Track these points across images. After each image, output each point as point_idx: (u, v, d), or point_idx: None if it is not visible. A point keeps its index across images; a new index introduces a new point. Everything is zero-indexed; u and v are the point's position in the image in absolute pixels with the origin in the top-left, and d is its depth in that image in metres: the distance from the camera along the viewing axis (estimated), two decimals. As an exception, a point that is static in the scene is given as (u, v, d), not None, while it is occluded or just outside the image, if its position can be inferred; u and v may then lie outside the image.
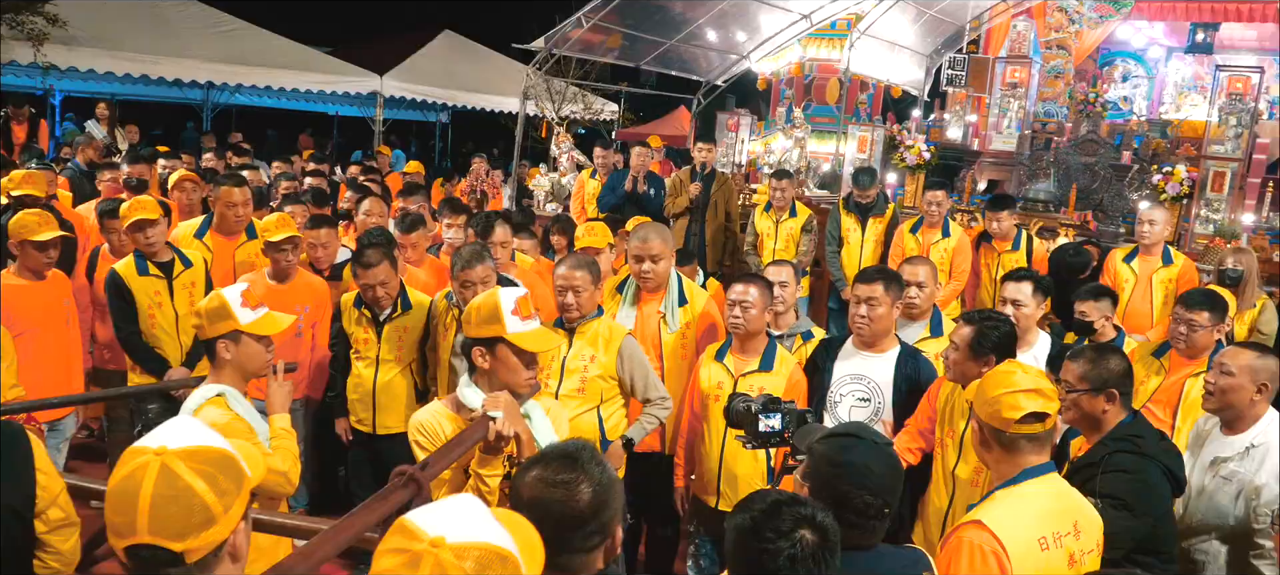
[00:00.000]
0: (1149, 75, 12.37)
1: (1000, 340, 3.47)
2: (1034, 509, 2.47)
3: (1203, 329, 4.13)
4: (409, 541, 1.39)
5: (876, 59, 12.28)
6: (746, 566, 1.86)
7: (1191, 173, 7.83)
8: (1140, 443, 2.99)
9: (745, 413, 2.89)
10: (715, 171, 8.23)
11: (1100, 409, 3.06)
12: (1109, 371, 3.05)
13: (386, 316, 4.61)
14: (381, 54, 14.95)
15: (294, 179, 7.73)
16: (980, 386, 2.60)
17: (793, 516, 1.86)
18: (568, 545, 1.92)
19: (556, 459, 1.98)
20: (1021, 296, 4.42)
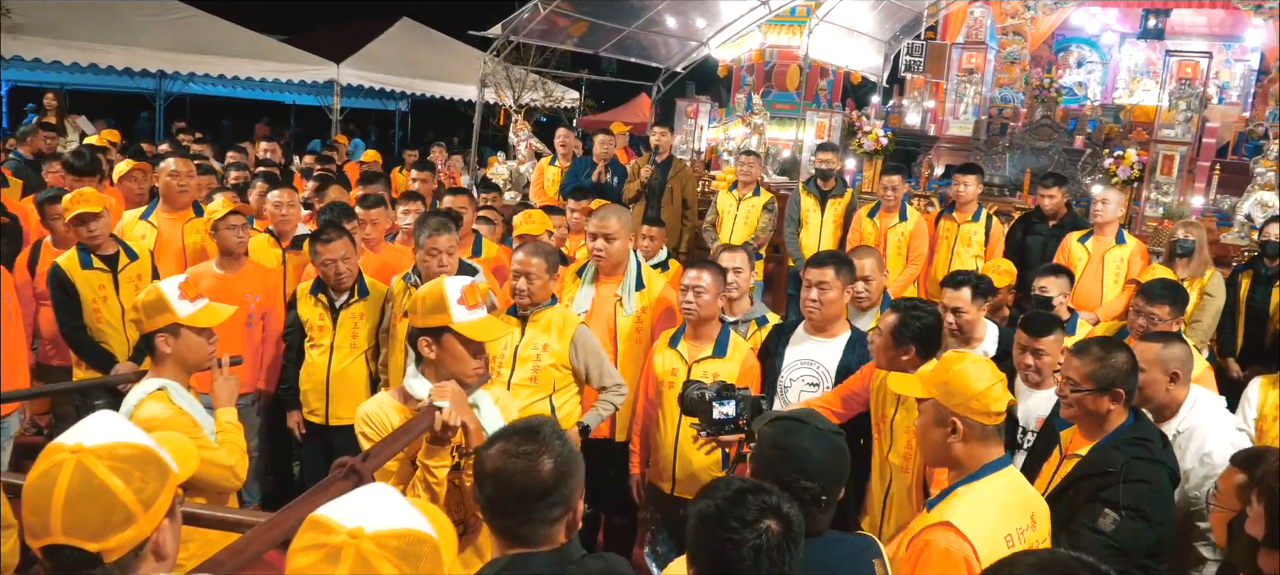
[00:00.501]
0: (1103, 61, 12.53)
1: (920, 331, 3.41)
2: (997, 505, 2.46)
3: (1162, 322, 4.19)
4: (325, 536, 1.37)
5: (836, 45, 12.32)
6: (709, 555, 1.84)
7: (1142, 157, 7.95)
8: (1151, 448, 2.90)
9: (699, 400, 2.88)
10: (672, 158, 8.24)
11: (1105, 409, 2.95)
12: (1115, 370, 2.93)
13: (343, 303, 4.56)
14: (338, 42, 14.75)
15: (245, 169, 7.60)
16: (949, 384, 2.54)
17: (758, 505, 1.84)
18: (531, 516, 1.94)
19: (519, 433, 2.00)
20: (961, 303, 4.33)
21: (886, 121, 10.71)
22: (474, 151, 10.28)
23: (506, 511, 1.93)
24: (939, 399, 2.55)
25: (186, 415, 3.01)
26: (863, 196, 8.34)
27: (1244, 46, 11.48)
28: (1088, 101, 11.89)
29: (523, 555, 1.94)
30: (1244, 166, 8.20)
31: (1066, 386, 3.04)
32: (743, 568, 1.79)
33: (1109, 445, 2.92)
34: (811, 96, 12.16)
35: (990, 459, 2.52)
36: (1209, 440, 3.31)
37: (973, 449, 2.53)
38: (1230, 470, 2.54)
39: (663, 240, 6.21)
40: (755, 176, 7.66)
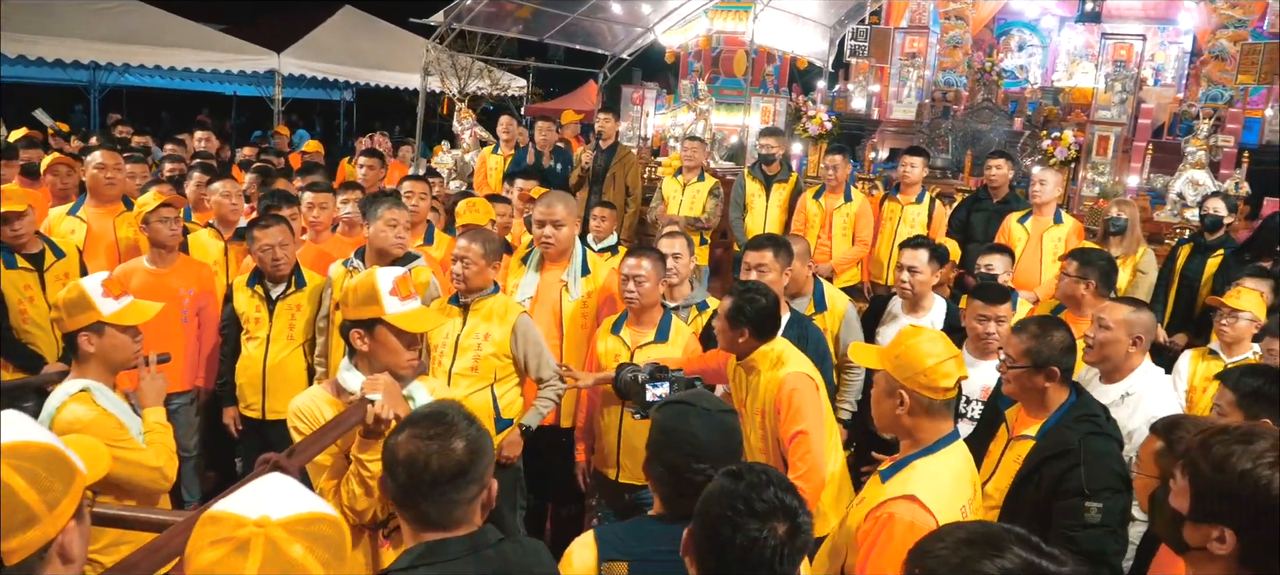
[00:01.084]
0: (1043, 44, 12.73)
1: (755, 314, 3.36)
2: (952, 477, 2.51)
3: (1068, 277, 4.38)
4: (230, 530, 1.35)
5: (782, 30, 12.38)
6: (708, 524, 1.79)
7: (1079, 137, 8.09)
8: (1100, 423, 2.96)
9: (633, 382, 2.88)
10: (618, 144, 8.21)
11: (1041, 385, 3.01)
12: (1051, 348, 2.99)
13: (280, 294, 4.49)
14: (279, 31, 14.47)
15: (181, 161, 7.42)
16: (901, 358, 2.56)
17: (772, 502, 1.78)
18: (447, 498, 1.91)
19: (426, 418, 1.97)
20: (917, 263, 4.55)
21: (832, 106, 10.78)
22: (418, 141, 10.15)
23: (421, 496, 1.90)
24: (890, 371, 2.59)
25: (111, 417, 2.93)
26: (808, 181, 8.38)
27: (1178, 29, 11.72)
28: (1028, 84, 12.07)
29: (438, 541, 1.91)
30: (1177, 146, 8.39)
31: (1005, 363, 3.11)
32: (731, 554, 1.75)
33: (1060, 425, 2.98)
34: (759, 82, 12.21)
35: (943, 433, 2.56)
36: (1157, 405, 3.39)
37: (920, 422, 2.56)
38: (1150, 438, 2.60)
39: (614, 222, 6.21)
40: (700, 162, 7.66)
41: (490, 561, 1.92)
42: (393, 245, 4.32)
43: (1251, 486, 1.75)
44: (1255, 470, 1.75)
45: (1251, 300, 4.30)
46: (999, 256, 5.17)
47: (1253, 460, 1.76)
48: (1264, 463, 1.75)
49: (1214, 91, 10.80)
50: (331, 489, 2.72)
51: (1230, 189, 7.14)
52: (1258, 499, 1.75)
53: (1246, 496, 1.76)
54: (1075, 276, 4.37)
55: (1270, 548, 1.77)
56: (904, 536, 2.35)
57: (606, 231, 6.09)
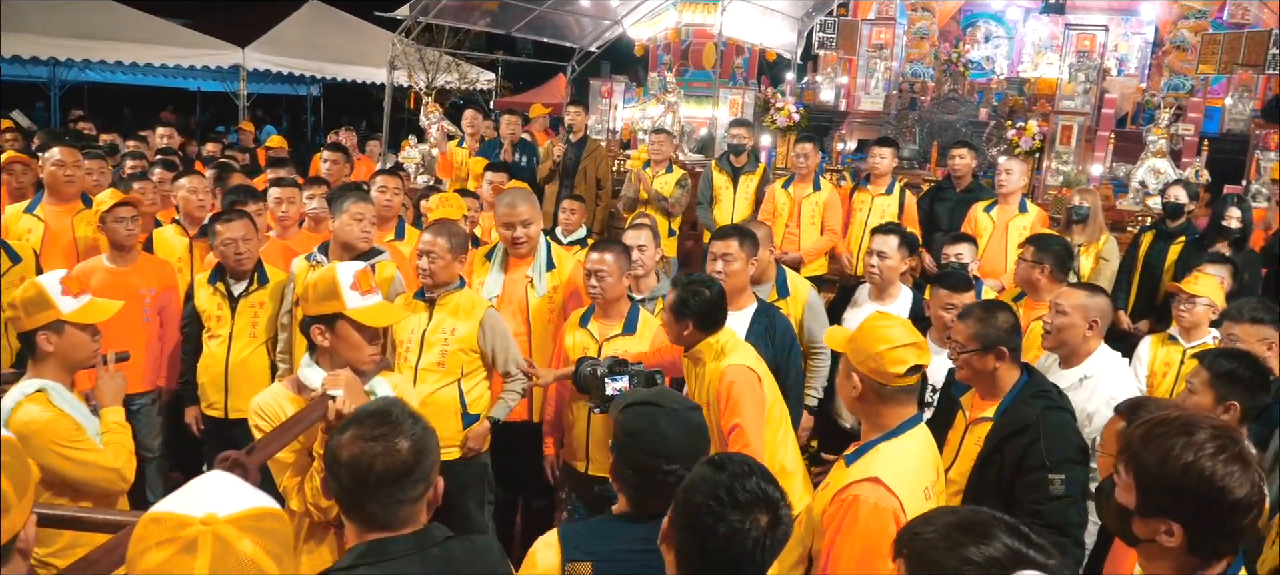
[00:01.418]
0: (1009, 35, 12.84)
1: (698, 306, 3.37)
2: (915, 459, 2.53)
3: (1026, 263, 4.47)
4: (176, 530, 1.34)
5: (750, 23, 12.38)
6: (690, 513, 1.78)
7: (1043, 127, 8.17)
8: (1053, 397, 3.05)
9: (591, 376, 2.86)
10: (587, 137, 8.19)
11: (991, 367, 3.09)
12: (997, 329, 3.08)
13: (242, 291, 4.43)
14: (243, 25, 14.28)
15: (143, 158, 7.31)
16: (857, 341, 2.58)
17: (755, 492, 1.79)
18: (392, 498, 1.89)
19: (370, 417, 1.94)
20: (887, 248, 4.58)
21: (801, 98, 10.82)
22: (385, 135, 10.07)
23: (367, 497, 1.87)
24: (847, 354, 2.62)
25: (67, 417, 2.88)
26: (776, 172, 8.41)
27: (1140, 20, 11.88)
28: (995, 75, 12.18)
29: (382, 541, 1.88)
30: (1139, 135, 8.49)
31: (955, 349, 3.17)
32: (713, 545, 1.75)
33: (1016, 402, 3.05)
34: (728, 74, 12.21)
35: (905, 417, 2.58)
36: (1115, 387, 3.46)
37: (875, 406, 2.58)
38: (1114, 418, 2.64)
39: (583, 215, 6.19)
40: (667, 154, 7.65)
41: (435, 560, 1.90)
42: (358, 239, 4.29)
43: (1195, 478, 1.77)
44: (1198, 462, 1.77)
45: (1208, 286, 4.37)
46: (966, 246, 5.23)
47: (1195, 452, 1.78)
48: (1206, 453, 1.77)
49: (1176, 81, 10.97)
50: (295, 486, 2.70)
51: (1191, 177, 7.25)
52: (1202, 491, 1.77)
53: (1190, 489, 1.77)
54: (1031, 262, 4.44)
55: (1218, 535, 1.80)
56: (868, 518, 2.38)
57: (576, 224, 6.08)
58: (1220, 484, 1.75)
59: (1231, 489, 1.75)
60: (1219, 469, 1.75)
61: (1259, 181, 7.64)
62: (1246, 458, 1.78)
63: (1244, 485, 1.75)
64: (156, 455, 4.92)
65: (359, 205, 4.29)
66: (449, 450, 4.00)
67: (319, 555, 2.71)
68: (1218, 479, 1.75)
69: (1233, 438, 1.81)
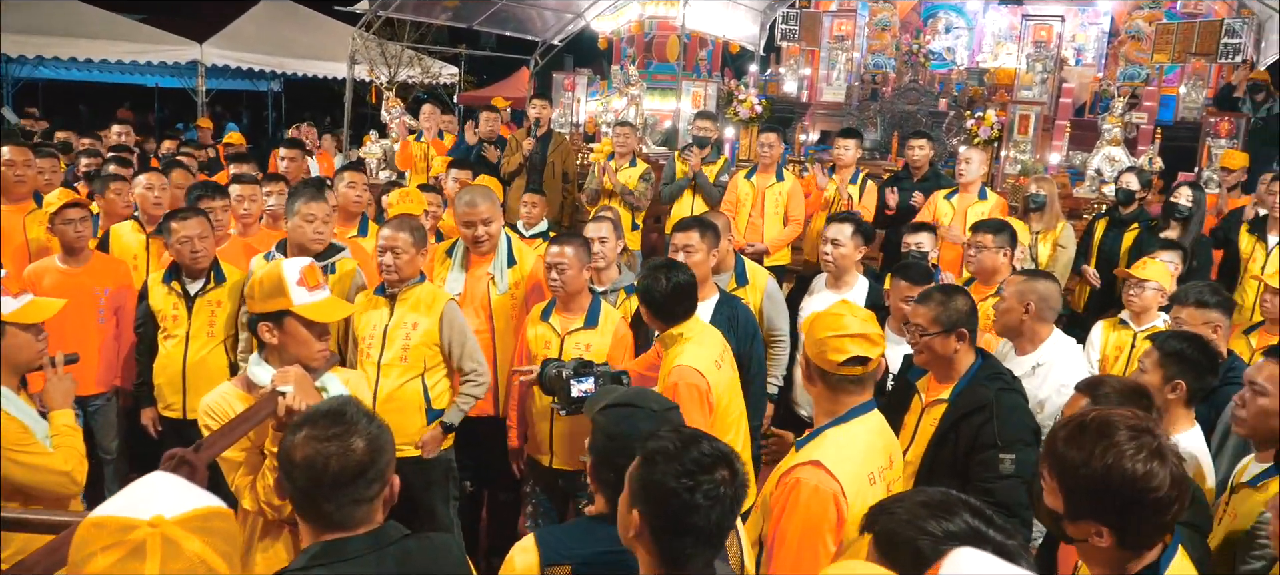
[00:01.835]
0: (969, 26, 12.95)
1: (653, 298, 3.40)
2: (862, 446, 2.55)
3: (987, 250, 4.49)
4: (122, 533, 1.33)
5: (713, 15, 12.41)
6: (660, 493, 1.78)
7: (1001, 117, 8.27)
8: (1007, 379, 3.10)
9: (557, 378, 2.84)
10: (552, 131, 8.18)
11: (951, 349, 3.12)
12: (957, 312, 3.12)
13: (198, 290, 4.37)
14: (201, 20, 14.08)
15: (98, 156, 7.20)
16: (810, 327, 2.61)
17: (713, 452, 1.81)
18: (347, 498, 1.87)
19: (323, 417, 1.92)
20: (841, 237, 4.61)
21: (764, 89, 10.86)
22: (346, 130, 9.98)
23: (323, 497, 1.85)
24: (804, 341, 2.65)
25: (14, 420, 2.83)
26: (740, 164, 8.44)
27: (1097, 10, 12.04)
28: (955, 66, 12.30)
29: (337, 541, 1.87)
30: (1095, 124, 8.62)
31: (916, 333, 3.19)
32: (697, 514, 1.76)
33: (972, 384, 3.09)
34: (692, 67, 12.24)
35: (855, 403, 2.60)
36: (1067, 373, 3.50)
37: (822, 391, 2.60)
38: (1075, 396, 2.70)
39: (545, 209, 6.18)
40: (632, 147, 7.65)
41: (391, 559, 1.88)
42: (311, 241, 4.24)
43: (1117, 480, 1.80)
44: (1119, 464, 1.80)
45: (1157, 271, 4.46)
46: (927, 235, 5.27)
47: (1114, 454, 1.81)
48: (1125, 454, 1.80)
49: (1131, 70, 11.14)
50: (247, 485, 2.67)
51: (1144, 165, 7.37)
52: (1124, 491, 1.80)
53: (1114, 491, 1.81)
54: (992, 248, 4.51)
55: (1147, 530, 1.84)
56: (809, 500, 2.41)
57: (537, 218, 6.06)
58: (1142, 484, 1.79)
59: (1153, 487, 1.79)
60: (1139, 468, 1.79)
61: (1210, 168, 7.79)
62: (1164, 452, 1.81)
63: (1165, 481, 1.79)
64: (114, 457, 4.85)
65: (309, 206, 4.23)
66: (413, 447, 4.00)
67: (274, 553, 2.69)
68: (1139, 479, 1.79)
69: (1149, 434, 1.84)
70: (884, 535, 1.64)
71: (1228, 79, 10.03)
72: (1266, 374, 2.80)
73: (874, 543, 1.66)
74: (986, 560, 1.32)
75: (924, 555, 1.50)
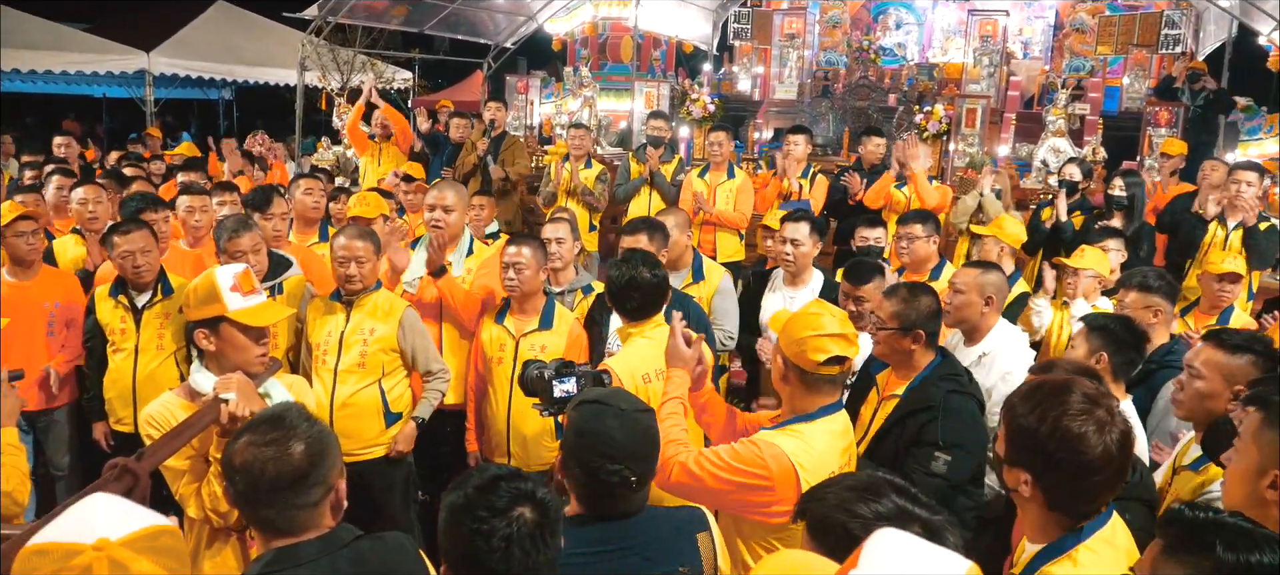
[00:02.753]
0: (918, 22, 13.14)
1: (611, 291, 3.43)
2: (824, 445, 2.58)
3: (918, 239, 4.65)
4: (66, 559, 1.31)
5: (665, 15, 12.47)
6: (460, 546, 1.73)
7: (949, 111, 8.41)
8: (962, 382, 3.11)
9: (539, 379, 2.81)
10: (505, 133, 8.19)
11: (907, 348, 3.14)
12: (918, 312, 3.13)
13: (145, 303, 4.31)
14: (147, 28, 13.82)
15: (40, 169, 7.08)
16: (788, 326, 2.62)
17: (511, 492, 1.74)
18: (289, 503, 1.87)
19: (263, 423, 1.93)
20: (800, 236, 4.67)
21: (718, 89, 10.94)
22: (298, 137, 9.89)
23: (262, 503, 1.85)
24: (780, 339, 2.66)
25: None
26: (695, 162, 8.50)
27: (1042, 4, 12.28)
28: (906, 61, 12.47)
29: (288, 547, 1.87)
30: (1040, 116, 8.80)
31: (875, 324, 3.25)
32: (493, 559, 1.70)
33: (924, 382, 3.12)
34: (646, 67, 12.30)
35: (826, 403, 2.64)
36: (1010, 361, 3.59)
37: (796, 390, 2.63)
38: (1030, 378, 2.75)
39: (494, 210, 6.19)
40: (586, 149, 7.68)
41: (345, 561, 1.88)
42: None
43: (1049, 432, 1.88)
44: (1061, 419, 1.88)
45: (1093, 259, 4.59)
46: (882, 230, 5.36)
47: (1059, 408, 1.88)
48: (1069, 412, 1.88)
49: (1077, 62, 11.38)
50: (191, 492, 2.66)
51: (1088, 155, 7.53)
52: (1051, 444, 1.88)
53: (1043, 440, 1.88)
54: (923, 237, 4.65)
55: (1070, 492, 1.90)
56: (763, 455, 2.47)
57: (486, 220, 6.06)
58: (1073, 442, 1.86)
59: (1083, 449, 1.85)
60: (1074, 426, 1.86)
61: (1151, 156, 7.97)
62: (1108, 425, 1.88)
63: (1097, 448, 1.85)
64: (66, 473, 4.77)
65: (234, 241, 4.24)
66: (373, 449, 4.01)
67: (222, 561, 2.68)
68: (1071, 436, 1.86)
69: (1102, 406, 1.90)
70: (816, 521, 1.69)
71: (1169, 70, 10.28)
72: (1203, 358, 2.87)
73: (807, 530, 1.71)
74: (906, 539, 1.36)
75: (856, 537, 1.53)
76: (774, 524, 2.53)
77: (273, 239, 4.85)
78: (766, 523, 2.54)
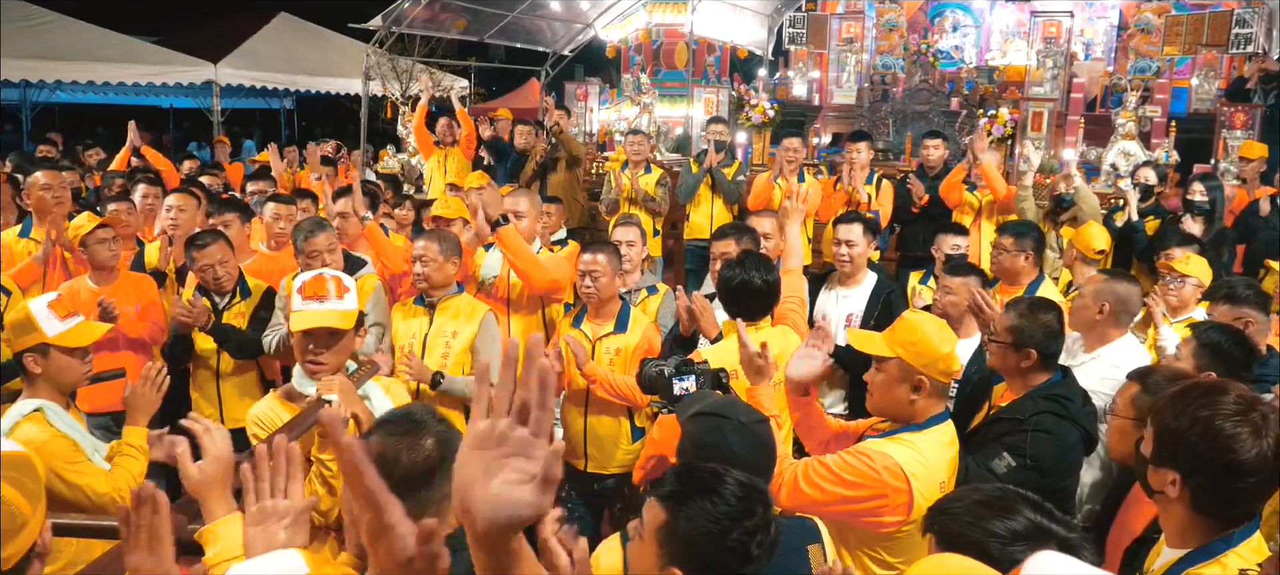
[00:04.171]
0: (976, 24, 13.00)
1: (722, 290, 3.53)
2: (937, 455, 2.59)
3: (1007, 252, 4.53)
4: None
5: (720, 20, 12.47)
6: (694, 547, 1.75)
7: (1014, 115, 8.30)
8: (1067, 405, 2.93)
9: (659, 376, 2.82)
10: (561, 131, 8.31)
11: (1018, 364, 3.01)
12: (1034, 328, 2.99)
13: (225, 304, 4.44)
14: (214, 41, 14.18)
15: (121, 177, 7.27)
16: (917, 345, 2.61)
17: (744, 494, 1.77)
18: (420, 497, 1.89)
19: (395, 420, 1.98)
20: (855, 237, 4.65)
21: (774, 94, 10.91)
22: (361, 145, 10.06)
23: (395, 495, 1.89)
24: (905, 358, 2.61)
25: (65, 437, 2.88)
26: (754, 168, 8.49)
27: (1105, 3, 12.07)
28: (964, 64, 12.33)
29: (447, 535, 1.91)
30: (1109, 118, 8.64)
31: (989, 334, 3.18)
32: (729, 560, 1.73)
33: (1026, 397, 2.99)
34: (700, 73, 12.31)
35: (936, 413, 2.65)
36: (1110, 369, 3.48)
37: (929, 403, 2.63)
38: (1128, 383, 2.70)
39: (562, 217, 6.24)
40: (645, 154, 7.72)
41: (465, 562, 1.92)
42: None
43: (1200, 432, 1.83)
44: (1212, 419, 1.83)
45: (1198, 266, 4.37)
46: (963, 237, 5.28)
47: (1211, 410, 1.83)
48: (1222, 413, 1.83)
49: (1142, 63, 11.17)
50: (299, 491, 2.73)
51: (1160, 158, 7.38)
52: (1202, 445, 1.82)
53: (1194, 441, 1.83)
54: (1013, 250, 4.52)
55: (1219, 495, 1.85)
56: (878, 466, 2.46)
57: (554, 227, 6.12)
58: (1224, 442, 1.80)
59: (1235, 449, 1.80)
60: (1228, 427, 1.81)
61: (1227, 159, 7.79)
62: (1264, 429, 1.82)
63: (1250, 451, 1.80)
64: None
65: (310, 241, 4.42)
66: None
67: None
68: (1222, 437, 1.81)
69: (1257, 410, 1.84)
70: (947, 537, 1.66)
71: (1239, 70, 10.04)
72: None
73: (936, 543, 1.69)
74: (1066, 562, 1.35)
75: (991, 556, 1.52)
76: (882, 533, 2.53)
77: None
78: (876, 531, 2.54)
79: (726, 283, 3.48)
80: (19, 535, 1.57)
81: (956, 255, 5.02)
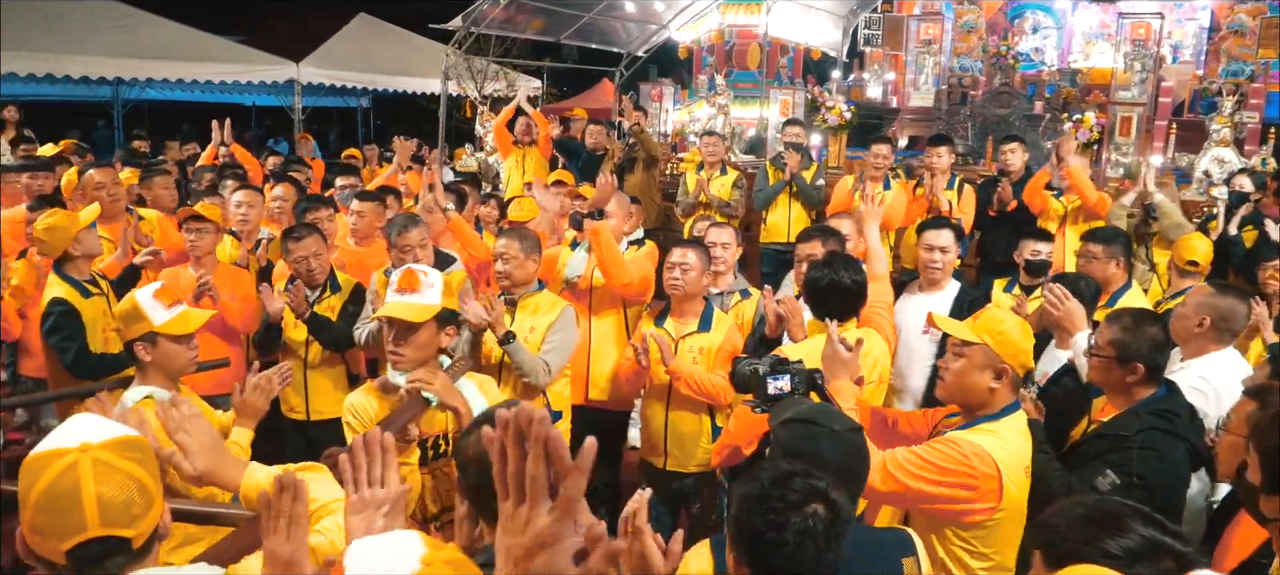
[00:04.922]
0: (1057, 25, 12.69)
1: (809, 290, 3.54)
2: (1019, 443, 2.62)
3: (1096, 259, 4.43)
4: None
5: (794, 21, 12.36)
6: (751, 538, 1.76)
7: (1100, 119, 8.09)
8: (1175, 422, 2.84)
9: (753, 375, 2.84)
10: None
11: (1121, 379, 2.92)
12: (1140, 342, 2.89)
13: (316, 298, 4.55)
14: (296, 40, 14.55)
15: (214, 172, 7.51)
16: (1003, 337, 2.64)
17: (804, 488, 1.76)
18: None
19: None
20: (947, 243, 4.60)
21: (848, 96, 10.80)
22: (440, 144, 10.23)
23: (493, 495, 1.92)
24: (992, 346, 2.63)
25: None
26: (830, 172, 8.42)
27: (1194, 5, 11.69)
28: (1045, 67, 12.06)
29: None
30: (1200, 124, 8.36)
31: (1092, 348, 3.10)
32: (785, 552, 1.72)
33: (1130, 412, 2.90)
34: (773, 74, 12.23)
35: (1010, 402, 2.67)
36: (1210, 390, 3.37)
37: (1006, 395, 2.66)
38: (1243, 400, 2.63)
39: (640, 217, 6.27)
40: (720, 156, 7.71)
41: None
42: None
43: None
44: None
45: None
46: (1051, 243, 5.17)
47: None
48: None
49: (1234, 66, 10.78)
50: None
51: (1257, 165, 7.13)
52: None
53: None
54: (1103, 258, 4.41)
55: None
56: (967, 452, 2.49)
57: (632, 227, 6.15)
58: None
59: None
60: None
61: (1327, 167, 7.49)
62: None
63: None
64: (240, 459, 5.05)
65: (403, 236, 4.50)
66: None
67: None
68: None
69: None
70: (1057, 555, 1.62)
71: (1339, 74, 9.66)
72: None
73: (1044, 561, 1.65)
74: None
75: None
76: (973, 522, 2.53)
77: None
78: (965, 521, 2.53)
79: (815, 283, 3.47)
80: (148, 514, 1.65)
81: (1037, 261, 4.92)
